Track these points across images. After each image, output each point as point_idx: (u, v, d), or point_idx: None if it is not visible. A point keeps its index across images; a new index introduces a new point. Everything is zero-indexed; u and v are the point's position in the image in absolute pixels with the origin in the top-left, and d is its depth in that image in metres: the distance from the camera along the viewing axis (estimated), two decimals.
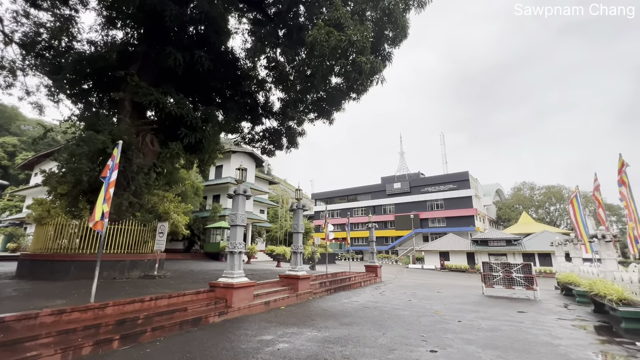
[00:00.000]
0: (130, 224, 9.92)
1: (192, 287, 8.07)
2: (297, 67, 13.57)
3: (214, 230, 23.56)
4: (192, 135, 11.43)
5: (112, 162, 5.90)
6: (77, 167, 9.22)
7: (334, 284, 12.55)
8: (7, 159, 57.98)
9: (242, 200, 8.31)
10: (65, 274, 8.65)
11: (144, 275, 9.74)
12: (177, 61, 10.41)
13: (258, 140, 16.18)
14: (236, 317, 7.12)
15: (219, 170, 29.13)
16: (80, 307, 5.10)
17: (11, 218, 32.97)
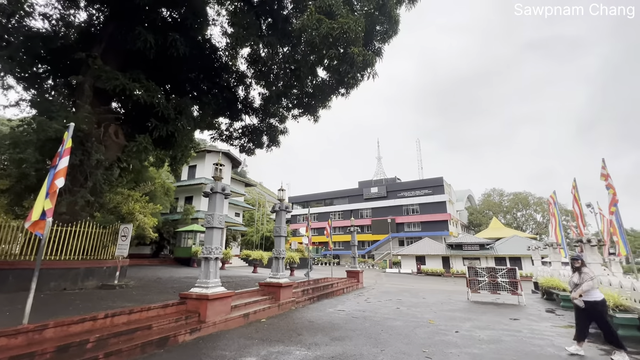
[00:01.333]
0: (86, 226, 8.62)
1: (158, 299, 7.01)
2: (281, 61, 12.79)
3: (186, 233, 21.99)
4: (163, 127, 10.29)
5: (62, 147, 4.83)
6: (21, 158, 7.84)
7: (316, 292, 11.77)
8: None
9: (220, 199, 7.38)
10: (1, 284, 7.24)
11: (101, 285, 8.47)
12: (148, 43, 9.31)
13: (237, 138, 15.15)
14: (211, 333, 6.16)
15: (193, 170, 27.50)
16: (7, 331, 3.99)
17: None
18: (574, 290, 5.62)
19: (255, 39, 11.49)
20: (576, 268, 5.85)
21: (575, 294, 5.50)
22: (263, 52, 13.47)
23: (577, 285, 5.58)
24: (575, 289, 5.61)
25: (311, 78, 12.00)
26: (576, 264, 5.91)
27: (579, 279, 5.61)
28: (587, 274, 5.57)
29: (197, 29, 11.44)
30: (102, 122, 9.62)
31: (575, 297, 5.53)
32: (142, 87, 9.67)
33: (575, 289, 5.57)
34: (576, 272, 5.81)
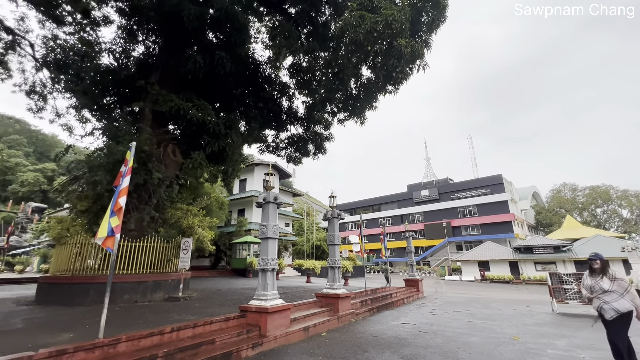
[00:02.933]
0: (152, 241, 9.13)
1: (220, 312, 7.02)
2: (322, 67, 12.67)
3: (240, 245, 22.72)
4: (215, 143, 10.66)
5: (125, 167, 5.03)
6: (96, 181, 8.59)
7: (375, 302, 11.11)
8: (46, 184, 61.20)
9: (273, 209, 7.25)
10: (84, 298, 7.87)
11: (168, 298, 8.83)
12: (198, 64, 9.77)
13: (283, 148, 15.29)
14: (273, 348, 5.94)
15: (243, 184, 28.61)
16: (86, 345, 4.12)
17: (47, 239, 33.96)
18: (599, 297, 4.52)
19: (296, 48, 11.52)
20: (597, 270, 4.67)
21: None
22: (304, 61, 13.51)
23: (606, 292, 4.43)
24: (600, 296, 4.50)
25: (355, 79, 11.63)
26: (595, 265, 4.70)
27: (611, 285, 4.43)
28: (622, 280, 4.45)
29: (240, 46, 11.79)
30: (161, 143, 10.25)
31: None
32: (195, 106, 10.14)
33: (603, 297, 4.46)
34: (597, 275, 4.64)
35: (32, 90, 16.47)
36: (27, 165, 64.89)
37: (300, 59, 13.43)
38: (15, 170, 61.98)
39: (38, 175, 61.93)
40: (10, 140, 69.58)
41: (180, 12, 9.25)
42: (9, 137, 70.54)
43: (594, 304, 4.63)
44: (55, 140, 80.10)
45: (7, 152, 62.37)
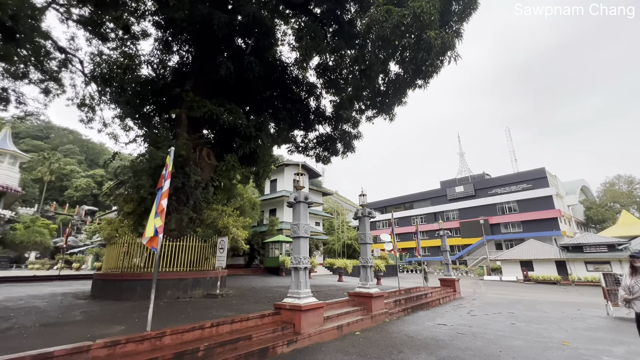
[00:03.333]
0: (191, 240, 9.62)
1: (255, 309, 7.24)
2: (349, 65, 12.60)
3: (273, 244, 23.25)
4: (247, 145, 11.01)
5: (165, 171, 5.35)
6: (139, 184, 9.21)
7: (409, 302, 10.86)
8: (96, 188, 66.57)
9: (304, 208, 7.34)
10: (132, 293, 8.49)
11: (206, 294, 9.25)
12: (229, 70, 10.13)
13: (312, 148, 15.42)
14: (307, 346, 6.02)
15: (274, 184, 29.22)
16: (135, 337, 4.44)
17: (99, 239, 36.97)
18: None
19: (322, 48, 11.55)
20: (639, 269, 4.29)
21: None
22: (330, 60, 13.51)
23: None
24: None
25: (383, 76, 11.45)
26: (636, 262, 4.34)
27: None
28: None
29: (268, 49, 12.04)
30: (197, 147, 10.76)
31: None
32: (226, 110, 10.53)
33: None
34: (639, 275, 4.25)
35: (83, 103, 17.97)
36: (80, 172, 71.02)
37: (326, 59, 13.45)
38: (70, 177, 68.07)
39: (89, 180, 67.55)
40: (65, 149, 76.56)
41: (211, 21, 9.64)
42: (64, 146, 77.64)
43: (635, 306, 4.22)
44: (103, 148, 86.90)
45: (63, 161, 68.66)
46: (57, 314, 6.28)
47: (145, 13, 13.11)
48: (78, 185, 66.09)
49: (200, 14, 9.82)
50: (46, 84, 16.62)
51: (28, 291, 10.82)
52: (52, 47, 16.29)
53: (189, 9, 9.93)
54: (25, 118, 17.76)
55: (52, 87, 16.94)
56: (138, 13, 13.27)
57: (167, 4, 9.21)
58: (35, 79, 16.18)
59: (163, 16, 12.11)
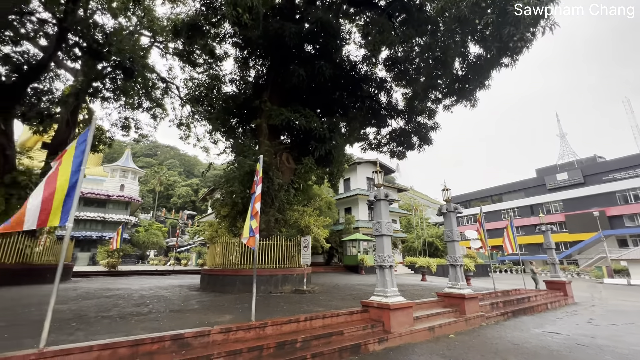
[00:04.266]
0: (278, 239, 10.37)
1: (342, 305, 7.42)
2: (421, 53, 11.95)
3: (350, 242, 23.48)
4: (322, 147, 11.36)
5: (257, 177, 5.89)
6: (232, 190, 10.33)
7: (509, 306, 9.76)
8: (194, 195, 76.74)
9: (385, 206, 7.24)
10: (232, 287, 9.57)
11: (295, 290, 9.86)
12: (301, 76, 10.62)
13: (385, 144, 15.10)
14: (399, 345, 5.92)
15: (347, 183, 29.49)
16: (243, 326, 4.99)
17: (199, 239, 42.62)
18: None
19: (391, 40, 11.21)
20: None
21: None
22: (400, 52, 13.02)
23: None
24: None
25: (461, 60, 10.55)
26: None
27: None
28: None
29: (336, 51, 12.22)
30: (277, 152, 11.55)
31: None
32: (301, 115, 11.06)
33: None
34: None
35: (181, 122, 20.99)
36: (180, 182, 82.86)
37: (395, 50, 13.02)
38: (174, 186, 79.97)
39: (188, 189, 78.34)
40: (168, 163, 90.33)
41: (283, 33, 10.24)
42: (168, 161, 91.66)
43: None
44: (196, 160, 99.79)
45: (168, 173, 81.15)
46: (180, 302, 7.47)
47: (226, 36, 14.59)
48: (180, 193, 77.26)
49: (273, 28, 10.51)
50: (154, 110, 19.88)
51: (154, 282, 13.10)
52: (156, 78, 19.40)
53: (263, 26, 10.72)
54: (140, 140, 21.51)
55: (158, 112, 20.20)
56: (219, 37, 14.87)
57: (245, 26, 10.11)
58: (145, 107, 19.50)
59: (241, 37, 13.33)
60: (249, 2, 8.15)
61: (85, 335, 4.36)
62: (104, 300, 7.57)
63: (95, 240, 37.05)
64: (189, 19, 13.19)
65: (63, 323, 5.01)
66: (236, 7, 7.98)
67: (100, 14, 15.90)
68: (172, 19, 16.88)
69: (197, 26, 12.76)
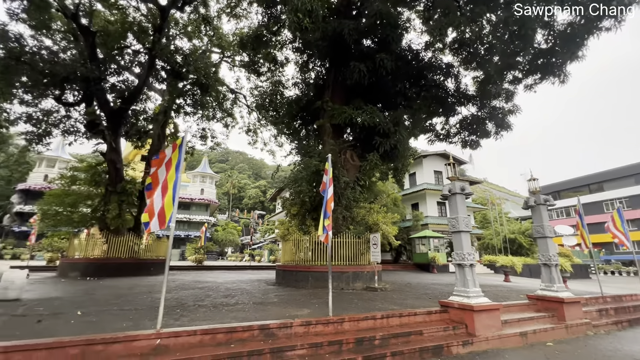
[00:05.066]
0: (346, 237, 10.45)
1: (418, 305, 7.14)
2: (493, 31, 10.83)
3: (419, 239, 22.49)
4: (387, 142, 11.10)
5: (327, 176, 6.02)
6: (300, 190, 10.74)
7: (623, 313, 8.27)
8: (262, 196, 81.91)
9: (461, 200, 6.76)
10: (305, 282, 9.96)
11: (366, 287, 9.82)
12: (361, 72, 10.53)
13: (455, 134, 14.07)
14: (485, 350, 5.48)
15: (413, 178, 28.28)
16: (322, 320, 5.16)
17: (270, 237, 45.34)
18: None
19: (458, 21, 10.38)
20: None
21: None
22: (468, 32, 11.98)
23: None
24: None
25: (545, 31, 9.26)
26: None
27: None
28: None
29: (397, 41, 11.79)
30: (341, 151, 11.64)
31: None
32: (364, 112, 10.96)
33: None
34: None
35: (249, 129, 22.56)
36: (250, 184, 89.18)
37: (462, 32, 12.01)
38: (244, 189, 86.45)
39: (257, 190, 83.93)
40: (239, 167, 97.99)
41: (341, 31, 10.27)
42: (238, 165, 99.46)
43: None
44: (263, 163, 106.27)
45: (239, 177, 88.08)
46: (260, 295, 8.06)
47: (286, 43, 15.22)
48: (250, 194, 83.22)
49: (331, 28, 10.60)
50: (225, 119, 21.73)
51: (235, 277, 14.36)
52: (226, 90, 21.17)
53: (322, 27, 10.90)
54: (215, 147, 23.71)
55: (229, 121, 22.04)
56: (280, 45, 15.56)
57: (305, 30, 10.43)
58: (218, 117, 21.42)
59: (300, 41, 13.75)
60: (308, 6, 8.38)
61: (188, 321, 4.99)
62: (198, 291, 8.56)
63: (183, 239, 42.16)
64: (252, 31, 14.11)
65: (170, 310, 5.81)
66: (297, 12, 8.26)
67: (178, 38, 18.02)
68: (237, 33, 18.25)
69: (260, 37, 13.57)
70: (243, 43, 14.33)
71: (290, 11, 8.40)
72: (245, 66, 19.40)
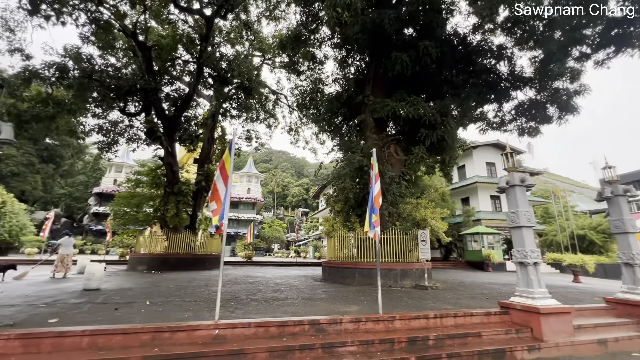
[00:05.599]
0: (393, 233, 10.18)
1: (474, 305, 6.71)
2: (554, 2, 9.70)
3: (471, 236, 21.16)
4: (433, 134, 10.56)
5: (373, 171, 5.89)
6: (344, 186, 10.68)
7: None
8: (305, 194, 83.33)
9: (521, 192, 6.18)
10: (352, 279, 9.91)
11: (415, 285, 9.48)
12: (404, 63, 10.12)
13: (510, 121, 12.93)
14: (555, 357, 4.96)
15: (462, 170, 26.67)
16: (372, 317, 5.08)
17: (314, 234, 46.00)
18: None
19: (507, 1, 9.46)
20: None
21: None
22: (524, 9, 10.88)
23: None
24: None
25: None
26: None
27: None
28: None
29: (441, 27, 11.13)
30: (385, 145, 11.33)
31: None
32: (407, 103, 10.54)
33: None
34: None
35: (290, 128, 23.03)
36: (293, 182, 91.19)
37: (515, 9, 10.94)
38: (288, 187, 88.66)
39: (300, 188, 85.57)
40: (282, 166, 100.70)
41: (381, 22, 9.95)
42: (281, 164, 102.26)
43: None
44: (305, 162, 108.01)
45: (282, 175, 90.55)
46: (308, 291, 8.18)
47: (324, 39, 15.18)
48: (293, 192, 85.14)
49: (371, 19, 10.33)
50: (268, 120, 22.42)
51: (282, 272, 14.79)
52: (268, 92, 21.81)
53: (361, 20, 10.67)
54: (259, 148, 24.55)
55: (271, 122, 22.70)
56: (319, 42, 15.57)
57: (345, 24, 10.29)
58: (262, 118, 22.15)
59: (339, 37, 13.64)
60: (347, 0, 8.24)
61: (242, 314, 5.22)
62: (249, 286, 8.95)
63: (233, 236, 44.54)
64: (291, 32, 14.30)
65: (225, 302, 6.14)
66: (335, 7, 8.19)
67: (222, 46, 18.95)
68: (277, 35, 18.69)
69: (298, 36, 13.70)
70: (282, 44, 14.60)
71: (328, 7, 8.34)
72: (285, 67, 19.77)
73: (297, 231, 37.04)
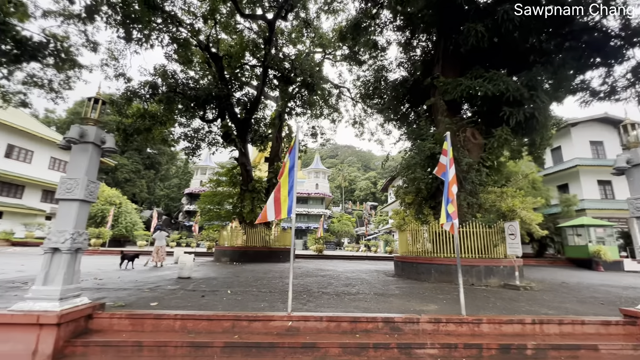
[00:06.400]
0: (473, 226, 9.18)
1: (585, 311, 5.60)
2: None
3: (573, 229, 18.01)
4: (519, 111, 9.15)
5: (446, 157, 5.31)
6: (414, 177, 10.01)
7: None
8: (373, 187, 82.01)
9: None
10: (427, 275, 9.26)
11: (504, 285, 8.39)
12: (479, 34, 8.95)
13: (626, 87, 10.48)
14: None
15: (557, 152, 22.85)
16: (454, 319, 4.58)
17: (384, 228, 44.95)
18: None
19: None
20: None
21: None
22: None
23: None
24: None
25: None
26: None
27: None
28: None
29: None
30: (459, 129, 10.25)
31: None
32: (485, 79, 9.33)
33: None
34: None
35: (355, 121, 22.68)
36: (360, 176, 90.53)
37: None
38: (355, 181, 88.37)
39: (367, 182, 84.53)
40: (348, 161, 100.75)
41: None
42: (347, 159, 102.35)
43: None
44: (371, 154, 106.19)
45: (349, 170, 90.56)
46: (380, 286, 7.89)
47: (386, 24, 14.45)
48: (360, 186, 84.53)
49: None
50: (332, 115, 22.45)
51: (353, 266, 14.71)
52: (330, 86, 21.79)
53: None
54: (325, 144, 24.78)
55: (335, 116, 22.67)
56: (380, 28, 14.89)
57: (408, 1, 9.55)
58: (325, 114, 22.28)
59: (401, 18, 12.80)
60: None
61: (314, 307, 5.23)
62: (321, 279, 9.06)
63: (304, 230, 46.26)
64: (350, 21, 13.94)
65: (297, 295, 6.27)
66: None
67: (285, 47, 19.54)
68: (336, 28, 18.50)
69: (358, 24, 13.29)
70: (342, 35, 14.35)
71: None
72: (346, 58, 19.44)
73: (366, 225, 36.61)
